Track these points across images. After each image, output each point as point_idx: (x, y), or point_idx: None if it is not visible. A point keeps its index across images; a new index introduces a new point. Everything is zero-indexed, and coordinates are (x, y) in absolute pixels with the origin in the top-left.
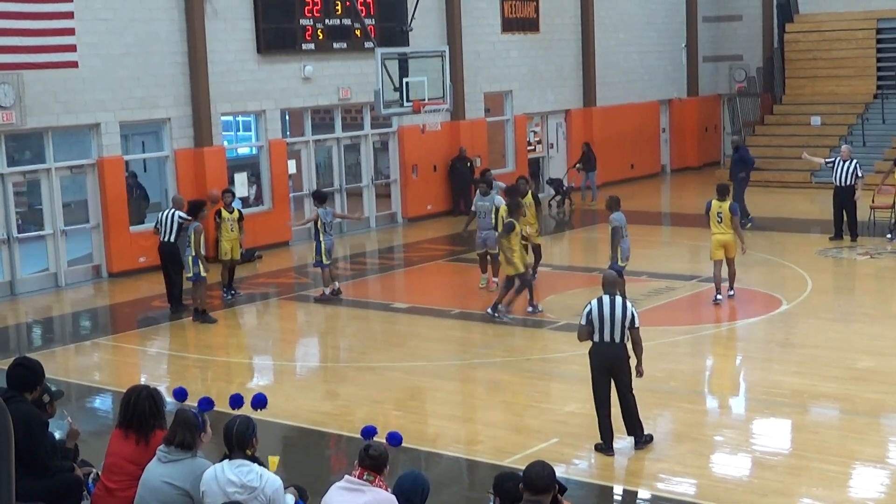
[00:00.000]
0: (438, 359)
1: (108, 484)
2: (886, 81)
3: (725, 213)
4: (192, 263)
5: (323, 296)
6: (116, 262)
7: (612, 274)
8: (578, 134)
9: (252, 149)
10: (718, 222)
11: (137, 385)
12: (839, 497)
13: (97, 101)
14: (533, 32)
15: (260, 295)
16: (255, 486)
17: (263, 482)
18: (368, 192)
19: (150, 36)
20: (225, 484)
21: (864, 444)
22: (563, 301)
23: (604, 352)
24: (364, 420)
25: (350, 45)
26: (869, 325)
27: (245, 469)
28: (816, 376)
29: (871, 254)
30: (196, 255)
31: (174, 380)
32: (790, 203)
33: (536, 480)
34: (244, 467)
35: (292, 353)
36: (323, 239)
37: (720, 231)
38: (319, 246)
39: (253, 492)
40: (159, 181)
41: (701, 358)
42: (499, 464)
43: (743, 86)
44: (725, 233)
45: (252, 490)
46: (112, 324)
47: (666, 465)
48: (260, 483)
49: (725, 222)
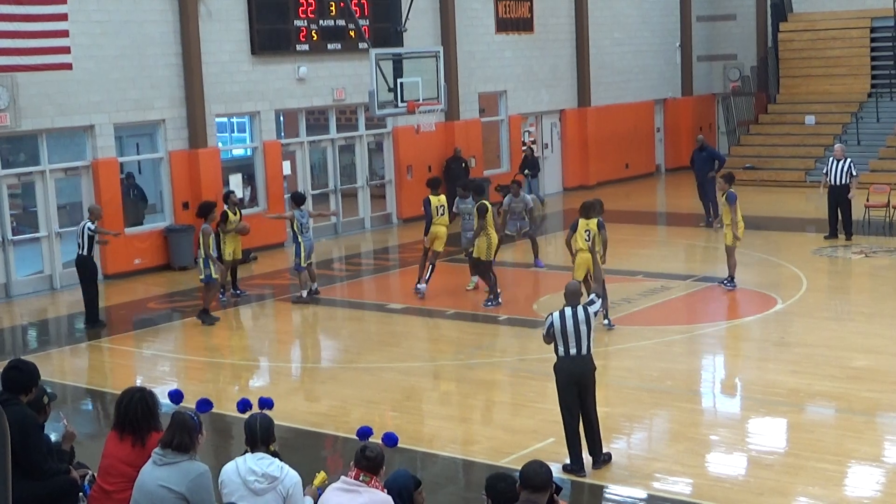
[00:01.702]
0: (434, 359)
1: (104, 486)
2: (880, 80)
3: (594, 229)
4: (204, 265)
5: (300, 298)
6: (112, 264)
7: (575, 284)
8: (573, 134)
9: (246, 150)
10: (586, 240)
11: (132, 387)
12: (836, 496)
13: (91, 102)
14: (527, 32)
15: (256, 296)
16: (277, 476)
17: (284, 474)
18: (363, 193)
19: (144, 38)
20: (246, 473)
21: (861, 442)
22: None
23: (570, 366)
24: (360, 421)
25: (344, 45)
26: (864, 324)
27: (267, 461)
28: (812, 375)
29: (865, 252)
30: (206, 256)
31: (170, 381)
32: (785, 202)
33: (534, 479)
34: (265, 459)
35: (288, 353)
36: (302, 240)
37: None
38: (299, 248)
39: (273, 482)
40: (154, 183)
41: (697, 357)
42: (495, 464)
43: (737, 85)
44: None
45: (273, 480)
46: (107, 325)
47: (662, 465)
48: (281, 474)
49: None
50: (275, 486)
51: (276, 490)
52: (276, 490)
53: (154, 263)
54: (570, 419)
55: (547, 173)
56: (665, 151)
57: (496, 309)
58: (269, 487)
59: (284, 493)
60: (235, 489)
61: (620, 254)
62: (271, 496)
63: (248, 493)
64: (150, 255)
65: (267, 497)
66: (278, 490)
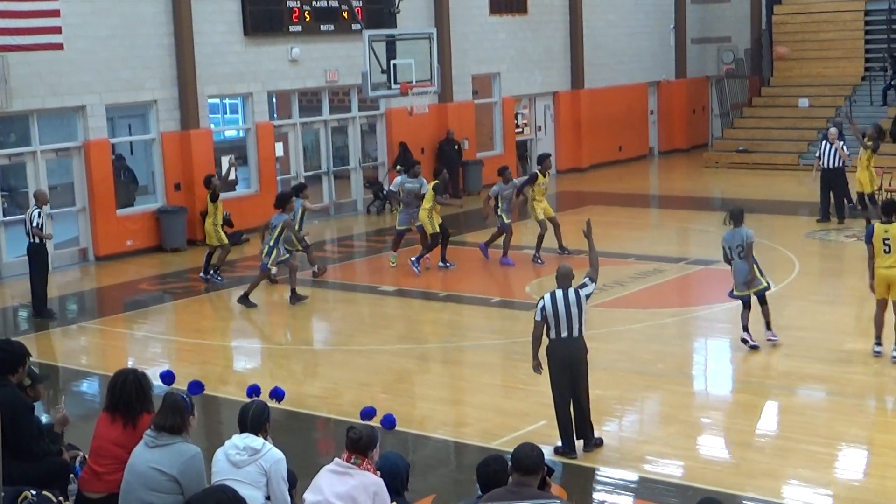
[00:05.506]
0: (426, 341)
1: (95, 467)
2: (874, 63)
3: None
4: (266, 253)
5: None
6: (103, 246)
7: (566, 266)
8: (566, 116)
9: (239, 131)
10: (886, 252)
11: (124, 369)
12: (826, 478)
13: (83, 83)
14: (521, 14)
15: (248, 278)
16: (258, 450)
17: (266, 449)
18: (356, 175)
19: (135, 17)
20: (229, 448)
21: (851, 425)
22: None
23: (562, 349)
24: (352, 403)
25: (337, 27)
26: (856, 307)
27: (251, 438)
28: (804, 358)
29: (858, 236)
30: (274, 246)
31: (162, 363)
32: (778, 185)
33: (525, 461)
34: (250, 438)
35: (280, 335)
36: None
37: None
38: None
39: (255, 454)
40: (146, 164)
41: (689, 340)
42: (486, 446)
43: (731, 67)
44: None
45: (254, 452)
46: (99, 307)
47: (653, 447)
48: (263, 448)
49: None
50: (255, 460)
51: (257, 464)
52: (257, 464)
53: (146, 245)
54: (562, 402)
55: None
56: (658, 134)
57: (487, 290)
58: (249, 460)
59: (266, 468)
60: (221, 468)
61: (613, 236)
62: (252, 469)
63: (230, 467)
64: (141, 236)
65: (248, 469)
66: (259, 464)
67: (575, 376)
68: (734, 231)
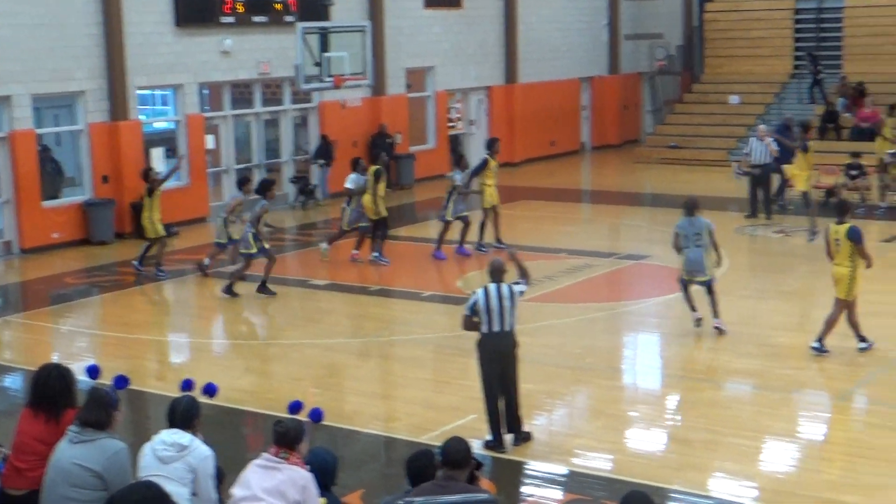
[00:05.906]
0: (357, 335)
1: (16, 464)
2: (803, 61)
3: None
4: (254, 240)
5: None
6: (28, 238)
7: (499, 261)
8: (500, 110)
9: (169, 123)
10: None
11: (49, 363)
12: (751, 470)
13: (8, 72)
14: (456, 8)
15: (178, 271)
16: (186, 446)
17: (194, 446)
18: (288, 168)
19: (64, 6)
20: (156, 443)
21: (776, 419)
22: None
23: (493, 343)
24: (283, 397)
25: (270, 18)
26: (783, 302)
27: (179, 434)
28: (731, 353)
29: (785, 232)
30: (256, 232)
31: (88, 358)
32: (708, 181)
33: (454, 455)
34: (178, 434)
35: (210, 329)
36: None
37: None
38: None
39: (182, 451)
40: (73, 155)
41: (618, 334)
42: (416, 441)
43: (663, 64)
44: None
45: (181, 449)
46: (23, 301)
47: (582, 441)
48: (190, 445)
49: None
50: (182, 456)
51: (185, 460)
52: (185, 460)
53: (72, 237)
54: (492, 396)
55: (473, 150)
56: (591, 129)
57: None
58: (176, 456)
59: (193, 465)
60: (147, 464)
61: (544, 231)
62: (179, 465)
63: (156, 463)
64: (68, 228)
65: (175, 466)
66: (186, 461)
67: (505, 370)
68: (690, 220)
